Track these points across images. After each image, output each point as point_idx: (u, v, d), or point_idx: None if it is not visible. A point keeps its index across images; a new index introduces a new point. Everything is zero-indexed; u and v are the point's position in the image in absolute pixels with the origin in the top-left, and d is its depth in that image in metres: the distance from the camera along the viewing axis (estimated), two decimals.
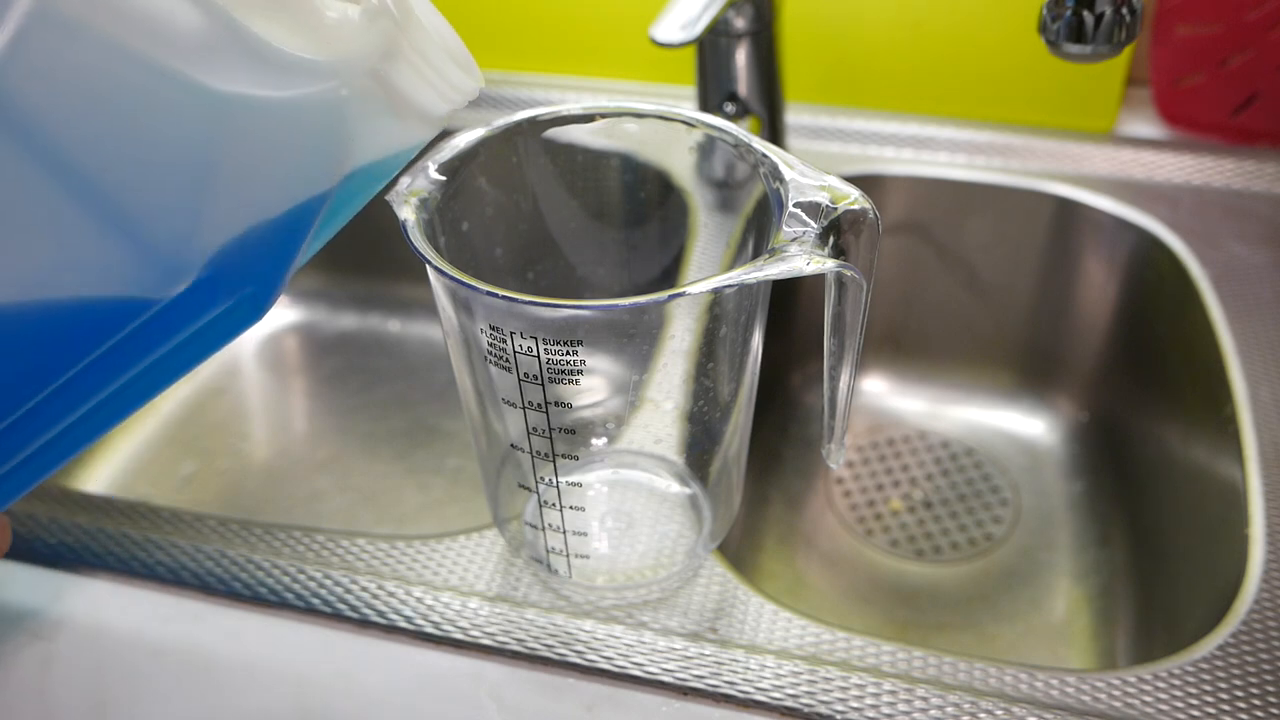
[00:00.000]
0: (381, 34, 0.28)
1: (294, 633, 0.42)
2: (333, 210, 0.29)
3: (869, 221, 0.31)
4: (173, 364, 0.29)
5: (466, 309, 0.34)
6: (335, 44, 0.28)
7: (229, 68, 0.26)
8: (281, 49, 0.27)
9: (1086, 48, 0.43)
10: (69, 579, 0.44)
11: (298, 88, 0.27)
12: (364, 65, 0.28)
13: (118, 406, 0.29)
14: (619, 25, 0.71)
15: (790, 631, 0.40)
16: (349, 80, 0.28)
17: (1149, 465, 0.59)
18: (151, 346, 0.28)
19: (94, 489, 0.64)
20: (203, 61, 0.25)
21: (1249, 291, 0.55)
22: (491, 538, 0.44)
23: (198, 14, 0.26)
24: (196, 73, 0.25)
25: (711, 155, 0.37)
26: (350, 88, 0.28)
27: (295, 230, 0.28)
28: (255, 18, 0.27)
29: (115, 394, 0.29)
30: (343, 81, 0.27)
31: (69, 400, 0.28)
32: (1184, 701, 0.38)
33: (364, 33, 0.28)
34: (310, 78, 0.27)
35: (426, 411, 0.70)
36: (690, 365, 0.38)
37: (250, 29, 0.26)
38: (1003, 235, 0.65)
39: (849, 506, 0.64)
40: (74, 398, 0.28)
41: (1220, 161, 0.64)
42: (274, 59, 0.26)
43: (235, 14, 0.26)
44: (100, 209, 0.25)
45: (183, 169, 0.26)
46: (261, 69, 0.26)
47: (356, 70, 0.28)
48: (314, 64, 0.27)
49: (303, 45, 0.27)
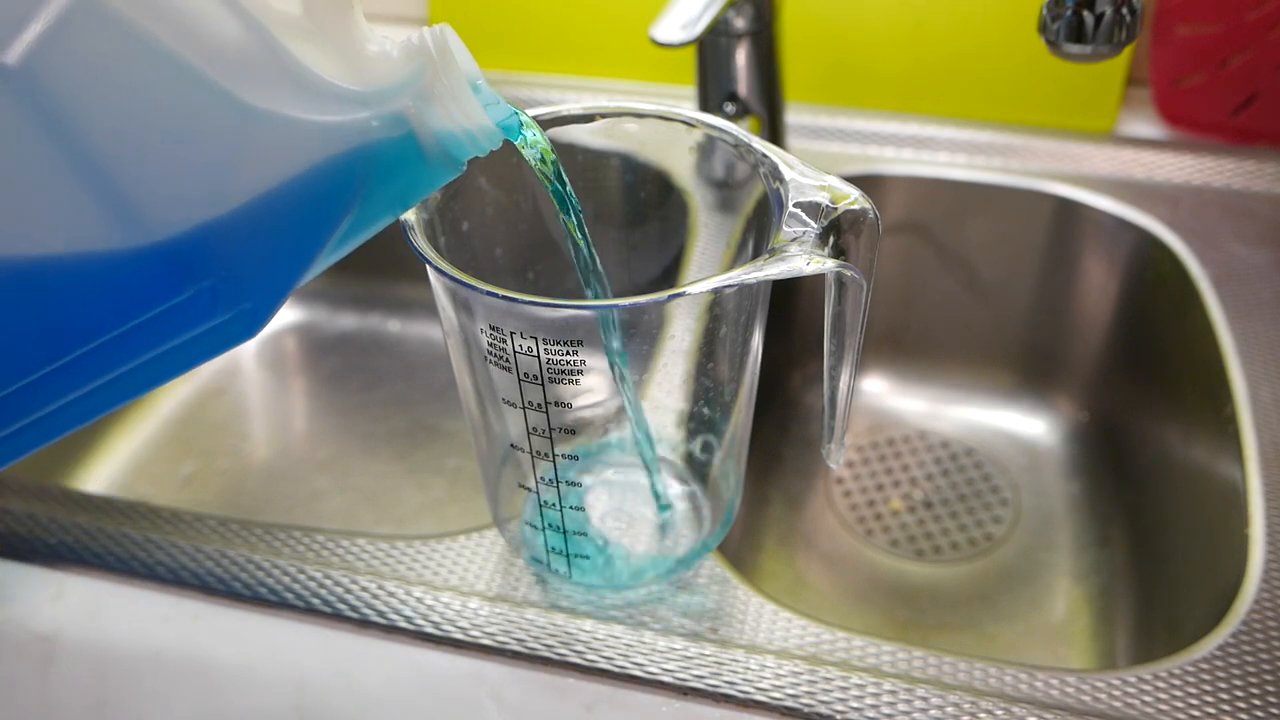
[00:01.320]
0: (418, 72, 0.28)
1: (294, 633, 0.42)
2: (341, 237, 0.30)
3: (869, 221, 0.31)
4: (158, 369, 0.29)
5: (466, 309, 0.34)
6: (372, 76, 0.28)
7: (263, 84, 0.26)
8: (318, 74, 0.27)
9: (1086, 48, 0.43)
10: (69, 579, 0.44)
11: (328, 114, 0.27)
12: (397, 101, 0.28)
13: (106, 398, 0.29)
14: (619, 25, 0.71)
15: (790, 631, 0.40)
16: (380, 113, 0.28)
17: (1149, 465, 0.59)
18: (143, 349, 0.28)
19: (94, 489, 0.64)
20: (238, 74, 0.26)
21: (1249, 291, 0.55)
22: (491, 538, 0.44)
23: (239, 28, 0.26)
24: (229, 83, 0.26)
25: (711, 155, 0.37)
26: (380, 120, 0.28)
27: (302, 252, 0.29)
28: (297, 41, 0.27)
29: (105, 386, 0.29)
30: (374, 114, 0.28)
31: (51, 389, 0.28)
32: (1184, 701, 0.38)
33: (401, 69, 0.28)
34: (342, 106, 0.28)
35: (426, 411, 0.70)
36: (690, 365, 0.38)
37: (290, 51, 0.27)
38: (1003, 235, 0.65)
39: (849, 506, 0.64)
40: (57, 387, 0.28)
41: (1220, 161, 0.64)
42: (309, 83, 0.27)
43: (277, 35, 0.27)
44: (107, 198, 0.25)
45: (199, 174, 0.26)
46: (295, 91, 0.27)
47: (389, 104, 0.28)
48: (348, 92, 0.28)
49: (340, 73, 0.28)
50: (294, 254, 0.28)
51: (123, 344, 0.27)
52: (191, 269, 0.27)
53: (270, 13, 0.27)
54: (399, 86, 0.28)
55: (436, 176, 0.31)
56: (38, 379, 0.27)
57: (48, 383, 0.28)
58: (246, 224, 0.27)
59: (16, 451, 0.30)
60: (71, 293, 0.26)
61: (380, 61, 0.28)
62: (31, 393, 0.28)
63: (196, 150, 0.26)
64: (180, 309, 0.27)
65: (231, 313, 0.28)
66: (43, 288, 0.26)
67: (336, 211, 0.29)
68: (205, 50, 0.25)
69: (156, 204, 0.26)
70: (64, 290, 0.26)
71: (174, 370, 0.29)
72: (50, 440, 0.30)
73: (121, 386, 0.29)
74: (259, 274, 0.28)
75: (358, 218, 0.29)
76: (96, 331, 0.27)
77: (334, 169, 0.28)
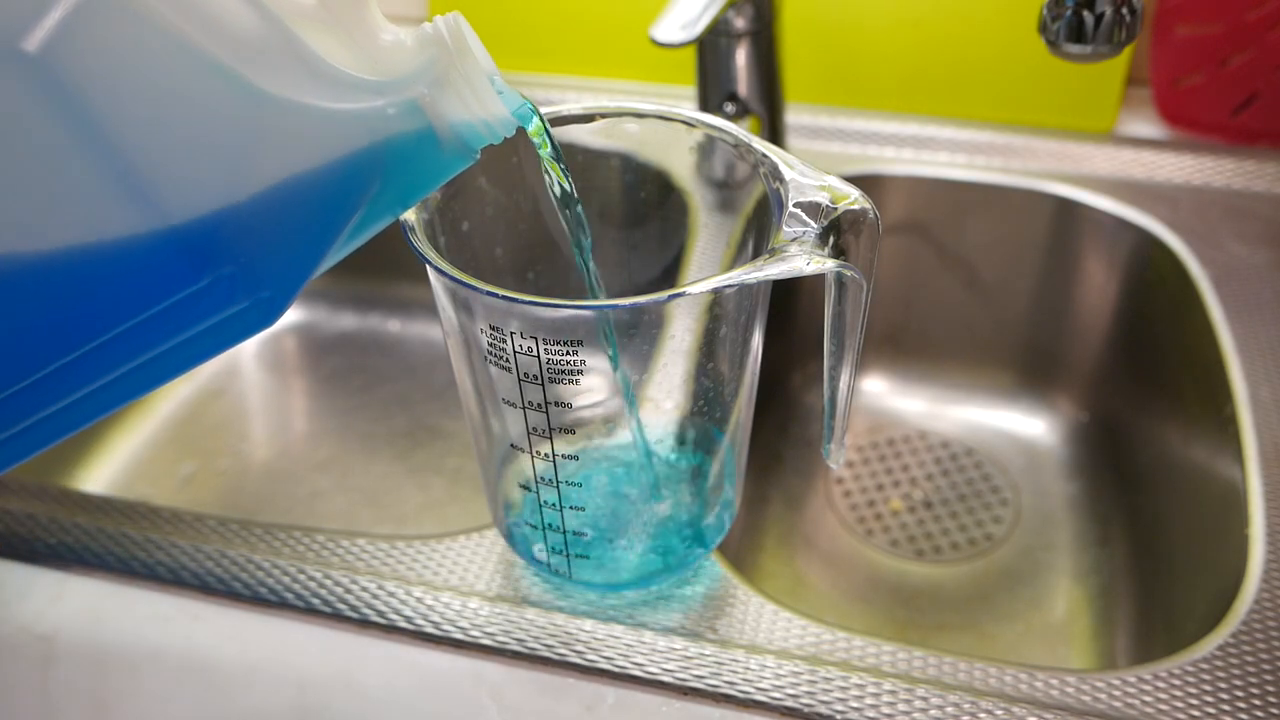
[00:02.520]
0: (433, 61, 0.29)
1: (294, 633, 0.42)
2: (356, 227, 0.30)
3: (869, 221, 0.31)
4: (174, 360, 0.29)
5: (466, 309, 0.34)
6: (387, 65, 0.28)
7: (279, 73, 0.27)
8: (333, 63, 0.27)
9: (1086, 48, 0.43)
10: (69, 579, 0.44)
11: (344, 102, 0.28)
12: (412, 89, 0.29)
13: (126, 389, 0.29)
14: (619, 25, 0.71)
15: (790, 631, 0.40)
16: (396, 101, 0.28)
17: (1149, 465, 0.59)
18: (160, 338, 0.28)
19: (94, 489, 0.64)
20: (254, 62, 0.26)
21: (1249, 291, 0.55)
22: (491, 538, 0.44)
23: (255, 17, 0.26)
24: (245, 71, 0.26)
25: (711, 155, 0.37)
26: (396, 108, 0.28)
27: (319, 240, 0.29)
28: (313, 31, 0.27)
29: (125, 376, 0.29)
30: (389, 102, 0.28)
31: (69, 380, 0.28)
32: (1184, 701, 0.38)
33: (416, 57, 0.29)
34: (358, 94, 0.28)
35: (426, 411, 0.70)
36: (690, 365, 0.38)
37: (305, 41, 0.27)
38: (1003, 235, 0.65)
39: (849, 506, 0.64)
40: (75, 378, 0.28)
41: (1220, 161, 0.64)
42: (325, 72, 0.27)
43: (293, 24, 0.27)
44: (127, 186, 0.25)
45: (217, 161, 0.26)
46: (311, 79, 0.27)
47: (404, 92, 0.28)
48: (363, 82, 0.28)
49: (356, 62, 0.28)
50: (311, 241, 0.29)
51: (142, 333, 0.27)
52: (210, 256, 0.27)
53: (286, 2, 0.27)
54: (414, 74, 0.29)
55: (451, 164, 0.31)
56: (60, 368, 0.27)
57: (70, 372, 0.28)
58: (264, 211, 0.27)
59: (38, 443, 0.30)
60: (92, 281, 0.26)
61: (395, 50, 0.29)
62: (54, 382, 0.28)
63: (214, 137, 0.26)
64: (199, 296, 0.27)
65: (249, 300, 0.28)
66: (65, 276, 0.26)
67: (353, 199, 0.29)
68: (221, 38, 0.26)
69: (175, 191, 0.26)
70: (85, 278, 0.26)
71: (192, 360, 0.29)
72: (70, 432, 0.30)
73: (141, 377, 0.29)
74: (277, 261, 0.28)
75: (373, 206, 0.30)
76: (117, 320, 0.27)
77: (350, 157, 0.28)
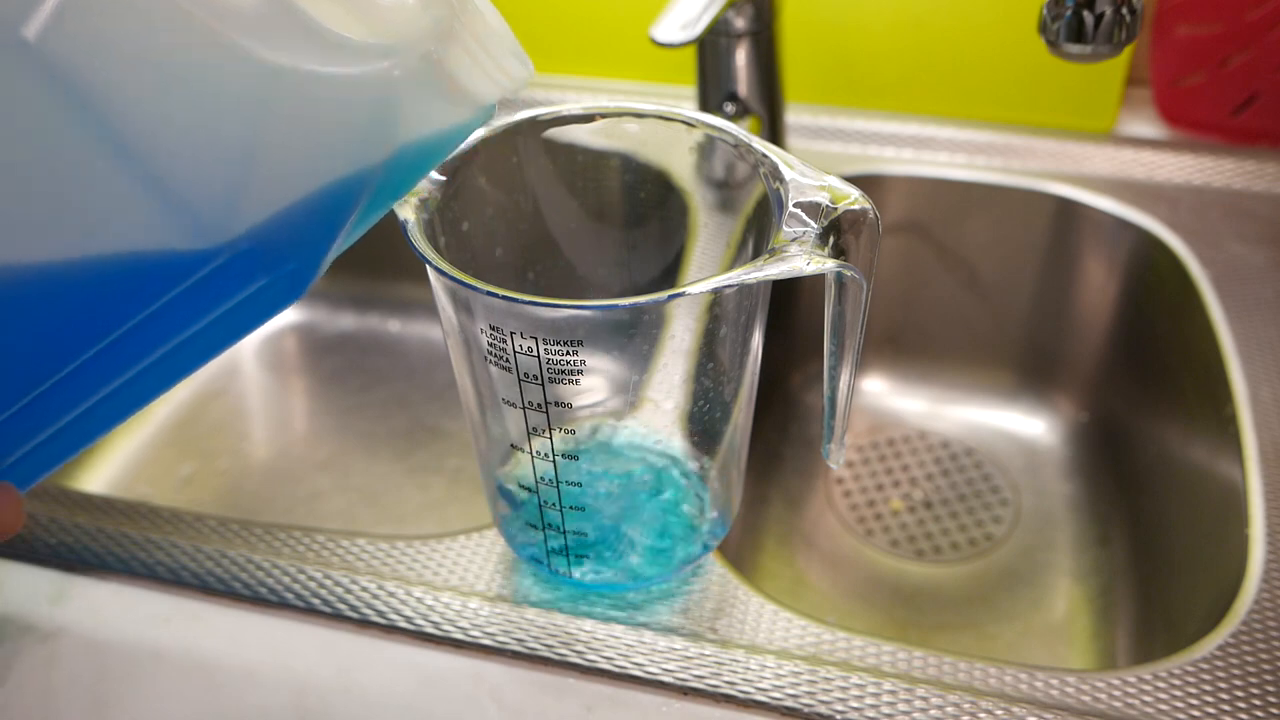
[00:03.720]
0: (437, 18, 0.28)
1: (294, 633, 0.42)
2: (377, 194, 0.29)
3: (869, 221, 0.31)
4: (205, 343, 0.29)
5: (466, 309, 0.34)
6: (390, 26, 0.28)
7: (283, 43, 0.26)
8: (336, 30, 0.27)
9: (1086, 48, 0.43)
10: (69, 579, 0.44)
11: (350, 66, 0.27)
12: (418, 48, 0.28)
13: (146, 386, 0.29)
14: (619, 25, 0.71)
15: (790, 631, 0.40)
16: (402, 62, 0.28)
17: (1149, 465, 0.59)
18: (188, 320, 0.28)
19: (94, 489, 0.64)
20: (256, 33, 0.26)
21: (1249, 291, 0.55)
22: (491, 538, 0.44)
23: None
24: (249, 43, 0.26)
25: (711, 155, 0.37)
26: (403, 69, 0.28)
27: (338, 209, 0.28)
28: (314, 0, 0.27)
29: (144, 371, 0.29)
30: (395, 63, 0.28)
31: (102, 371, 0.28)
32: (1184, 701, 0.38)
33: (419, 16, 0.28)
34: (363, 58, 0.27)
35: (426, 411, 0.70)
36: (690, 365, 0.38)
37: (306, 10, 0.26)
38: (1003, 235, 0.65)
39: (849, 506, 0.64)
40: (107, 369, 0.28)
41: (1220, 161, 0.64)
42: (329, 39, 0.27)
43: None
44: (144, 170, 0.25)
45: (228, 135, 0.26)
46: (315, 47, 0.27)
47: (410, 52, 0.28)
48: (367, 45, 0.27)
49: (359, 28, 0.27)
50: (328, 212, 0.28)
51: (165, 317, 0.27)
52: (227, 233, 0.26)
53: None
54: (418, 33, 0.28)
55: (467, 124, 0.30)
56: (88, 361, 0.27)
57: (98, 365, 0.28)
58: (277, 183, 0.27)
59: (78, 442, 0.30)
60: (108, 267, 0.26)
61: (398, 11, 0.28)
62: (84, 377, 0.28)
63: (221, 112, 0.26)
64: (217, 275, 0.27)
65: (269, 277, 0.28)
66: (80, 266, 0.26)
67: (367, 166, 0.28)
68: (224, 11, 0.25)
69: (184, 169, 0.26)
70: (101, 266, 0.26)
71: (222, 342, 0.29)
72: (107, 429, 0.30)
73: (171, 364, 0.29)
74: (294, 235, 0.28)
75: (391, 173, 0.29)
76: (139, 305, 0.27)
77: (361, 123, 0.28)
